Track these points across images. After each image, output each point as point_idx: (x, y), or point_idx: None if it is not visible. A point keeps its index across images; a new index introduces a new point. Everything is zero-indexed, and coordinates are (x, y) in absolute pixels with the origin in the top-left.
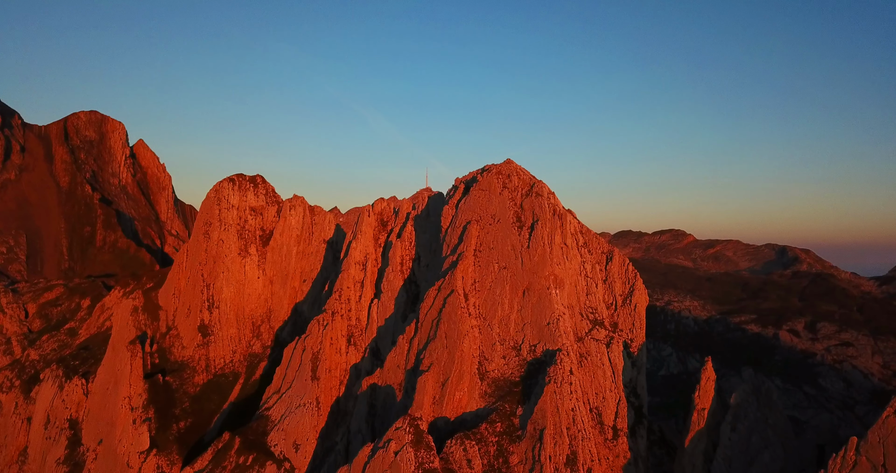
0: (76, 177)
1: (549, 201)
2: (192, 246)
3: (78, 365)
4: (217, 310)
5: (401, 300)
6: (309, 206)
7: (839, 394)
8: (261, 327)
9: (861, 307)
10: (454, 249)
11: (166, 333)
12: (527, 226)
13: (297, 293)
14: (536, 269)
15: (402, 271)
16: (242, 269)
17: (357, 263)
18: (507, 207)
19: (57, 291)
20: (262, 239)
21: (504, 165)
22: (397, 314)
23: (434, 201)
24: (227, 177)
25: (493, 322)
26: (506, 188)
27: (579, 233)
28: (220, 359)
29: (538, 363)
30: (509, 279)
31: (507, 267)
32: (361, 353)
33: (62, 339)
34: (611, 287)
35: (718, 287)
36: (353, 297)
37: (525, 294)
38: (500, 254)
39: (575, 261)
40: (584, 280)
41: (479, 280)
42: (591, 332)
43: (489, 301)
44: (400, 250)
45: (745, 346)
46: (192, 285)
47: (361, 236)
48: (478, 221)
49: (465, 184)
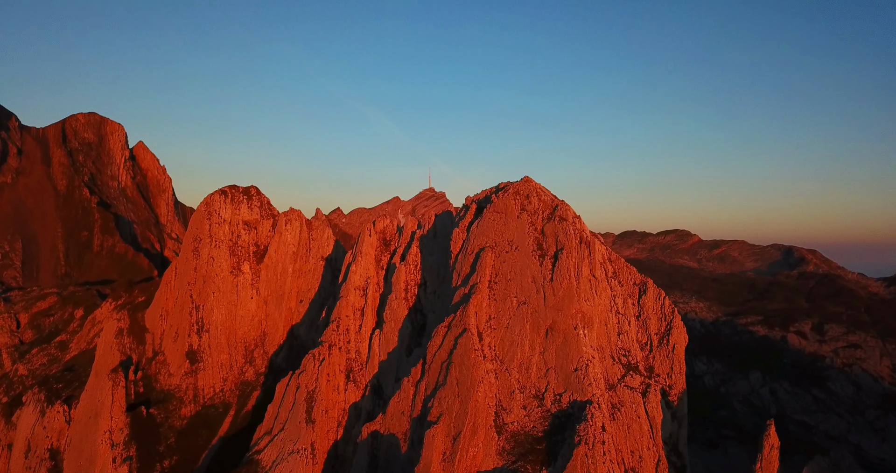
0: (74, 180)
1: (574, 227)
2: (180, 264)
3: (61, 389)
4: (207, 334)
5: (405, 332)
6: (306, 220)
7: (849, 398)
8: (254, 351)
9: (869, 308)
10: (466, 279)
11: (153, 358)
12: (549, 255)
13: (293, 315)
14: (561, 305)
15: (407, 298)
16: (235, 288)
17: (357, 288)
18: (527, 232)
19: (50, 300)
20: (256, 255)
21: (522, 184)
22: (401, 348)
23: (442, 221)
24: (218, 189)
25: (511, 367)
26: (524, 211)
27: (608, 261)
28: (209, 388)
29: (564, 415)
30: (530, 317)
31: (528, 302)
32: (361, 390)
33: (52, 353)
34: (645, 325)
35: (724, 288)
36: (353, 327)
37: (548, 334)
38: (519, 287)
39: (605, 295)
40: (614, 317)
41: (494, 317)
42: (625, 378)
43: (507, 342)
44: (404, 275)
45: (752, 348)
46: (181, 306)
47: (362, 257)
48: (493, 247)
49: (476, 204)
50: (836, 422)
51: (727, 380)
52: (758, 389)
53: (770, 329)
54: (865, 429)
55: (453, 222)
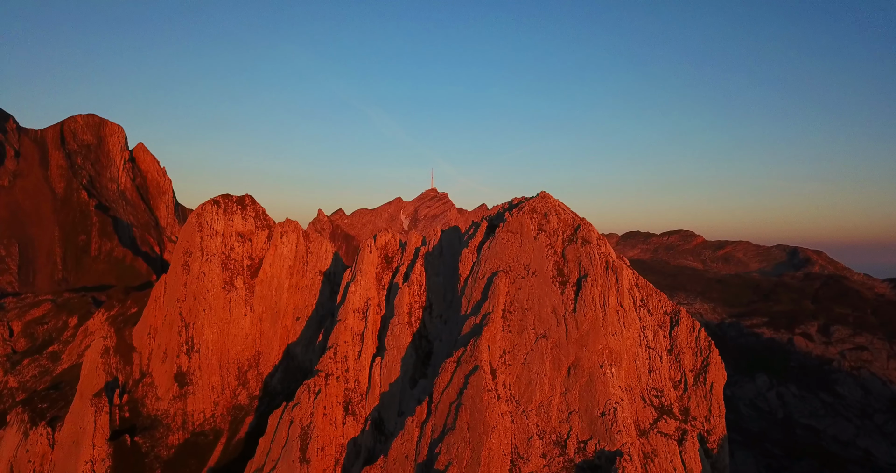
0: (72, 183)
1: (599, 250)
2: (170, 279)
3: (45, 409)
4: (197, 354)
5: (409, 361)
6: (303, 231)
7: (857, 402)
8: (247, 373)
9: (875, 309)
10: (476, 307)
11: (140, 380)
12: (571, 282)
13: (289, 333)
14: (585, 340)
15: (411, 322)
16: (227, 305)
17: (356, 311)
18: (545, 255)
19: (44, 307)
20: (250, 269)
21: (539, 201)
22: (405, 378)
23: (448, 238)
24: (210, 199)
25: (528, 408)
26: (542, 231)
27: (635, 287)
28: (198, 414)
29: (590, 467)
30: (549, 352)
31: (547, 336)
32: (361, 424)
33: (43, 364)
34: (678, 360)
35: (729, 289)
36: (352, 353)
37: (571, 373)
38: (538, 318)
39: (633, 327)
40: (644, 352)
41: (509, 351)
42: (658, 423)
43: (524, 380)
44: (408, 297)
45: (758, 351)
46: (170, 325)
47: (361, 276)
48: (507, 272)
49: (488, 221)
50: (845, 426)
51: (733, 383)
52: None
53: (776, 331)
54: (874, 434)
55: (461, 239)
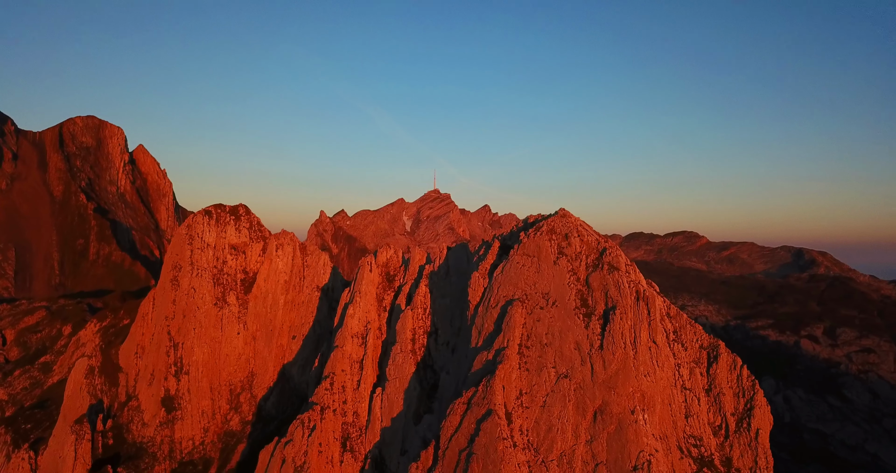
0: (70, 186)
1: (628, 278)
2: (158, 295)
3: (29, 430)
4: (186, 377)
5: (413, 393)
6: (300, 244)
7: (865, 406)
8: (240, 396)
9: (882, 311)
10: (489, 340)
11: (126, 403)
12: (597, 314)
13: (284, 352)
14: (614, 382)
15: (415, 350)
16: (219, 323)
17: (355, 336)
18: (567, 283)
19: (38, 315)
20: (243, 284)
21: (558, 221)
22: (408, 413)
23: (456, 256)
24: (201, 209)
25: (549, 458)
26: (563, 255)
27: (666, 317)
28: (187, 441)
29: None
30: (573, 395)
31: (570, 376)
32: (360, 462)
33: (34, 376)
34: (717, 402)
35: (733, 291)
36: (350, 383)
37: (597, 418)
38: (559, 355)
39: (667, 366)
40: (680, 394)
41: (527, 392)
42: None
43: (543, 425)
44: (411, 322)
45: (765, 354)
46: (157, 344)
47: (361, 298)
48: (523, 301)
49: (500, 241)
50: (853, 431)
51: None
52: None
53: (781, 333)
54: (883, 438)
55: (469, 258)
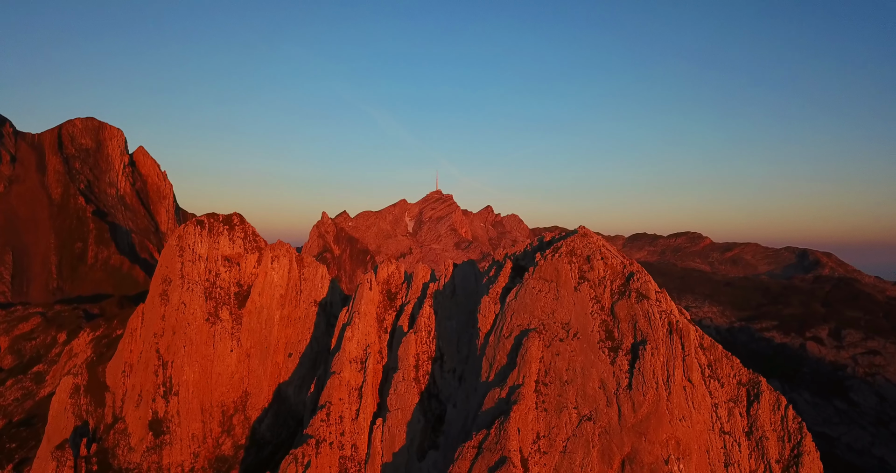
0: (69, 188)
1: (659, 307)
2: (147, 310)
3: (14, 450)
4: (175, 398)
5: (416, 426)
6: (297, 255)
7: (872, 410)
8: (233, 417)
9: (887, 312)
10: (501, 374)
11: (112, 425)
12: (624, 348)
13: (280, 371)
14: (645, 426)
15: (418, 377)
16: (211, 340)
17: (353, 360)
18: (590, 312)
19: (33, 321)
20: (237, 298)
21: (579, 241)
22: (411, 447)
23: (462, 274)
24: (193, 219)
25: None
26: (585, 280)
27: (700, 349)
28: (176, 467)
29: None
30: (597, 440)
31: (594, 418)
32: None
33: (27, 386)
34: (759, 447)
35: (738, 292)
36: (348, 413)
37: (625, 468)
38: (581, 394)
39: (704, 407)
40: (719, 439)
41: (545, 436)
42: None
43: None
44: (414, 347)
45: (770, 357)
46: (145, 362)
47: (360, 318)
48: (540, 332)
49: (513, 262)
50: (860, 434)
51: None
52: None
53: (786, 335)
54: (890, 442)
55: (478, 277)
